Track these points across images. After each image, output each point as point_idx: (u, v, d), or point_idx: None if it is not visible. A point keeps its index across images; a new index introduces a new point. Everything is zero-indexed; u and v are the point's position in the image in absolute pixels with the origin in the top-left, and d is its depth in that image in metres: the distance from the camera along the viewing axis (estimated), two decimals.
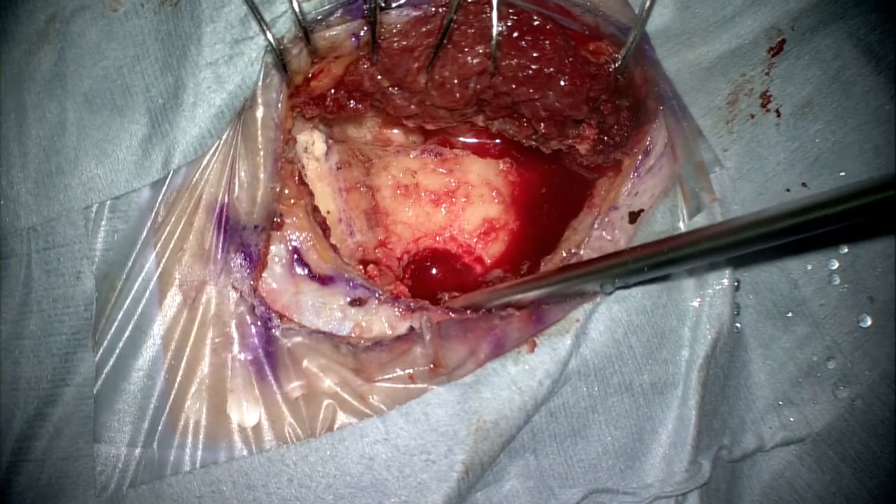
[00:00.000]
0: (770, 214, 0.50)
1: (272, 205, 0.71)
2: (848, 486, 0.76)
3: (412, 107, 0.75)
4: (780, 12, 0.73)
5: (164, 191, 0.67)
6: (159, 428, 0.66)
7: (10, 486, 0.67)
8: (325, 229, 0.81)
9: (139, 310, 0.66)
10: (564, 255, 0.79)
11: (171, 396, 0.66)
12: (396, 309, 0.76)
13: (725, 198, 0.74)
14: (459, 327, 0.72)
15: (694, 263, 0.66)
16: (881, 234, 0.75)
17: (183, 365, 0.67)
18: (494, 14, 0.65)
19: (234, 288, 0.69)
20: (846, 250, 0.75)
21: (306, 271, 0.76)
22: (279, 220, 0.75)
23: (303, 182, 0.80)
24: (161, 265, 0.67)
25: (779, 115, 0.75)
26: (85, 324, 0.66)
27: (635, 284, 0.70)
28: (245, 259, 0.70)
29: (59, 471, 0.66)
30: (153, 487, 0.65)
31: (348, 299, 0.76)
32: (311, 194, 0.81)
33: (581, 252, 0.76)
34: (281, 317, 0.71)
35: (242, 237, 0.70)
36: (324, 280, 0.76)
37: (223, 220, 0.69)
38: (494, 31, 0.66)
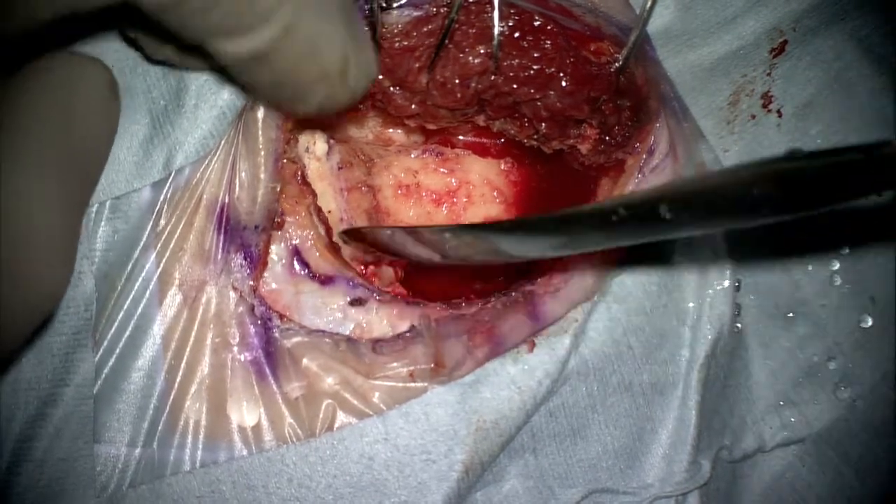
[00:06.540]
0: None
1: (273, 205, 0.71)
2: (849, 486, 0.76)
3: (413, 106, 0.75)
4: (781, 13, 0.73)
5: (164, 191, 0.67)
6: (159, 428, 0.66)
7: (9, 486, 0.67)
8: (326, 229, 0.81)
9: (139, 310, 0.66)
10: None
11: (171, 396, 0.66)
12: (396, 308, 0.76)
13: None
14: (458, 326, 0.72)
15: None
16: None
17: (183, 365, 0.66)
18: (496, 14, 0.65)
19: (235, 288, 0.69)
20: (847, 251, 0.75)
21: (306, 271, 0.76)
22: (280, 220, 0.74)
23: (304, 182, 0.80)
24: (161, 265, 0.66)
25: (780, 116, 0.75)
26: (85, 324, 0.66)
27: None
28: (245, 259, 0.70)
29: (59, 471, 0.66)
30: (153, 487, 0.65)
31: (348, 299, 0.76)
32: (313, 194, 0.81)
33: None
34: (281, 317, 0.71)
35: (243, 237, 0.70)
36: (324, 280, 0.76)
37: (224, 220, 0.68)
38: (496, 31, 0.66)
